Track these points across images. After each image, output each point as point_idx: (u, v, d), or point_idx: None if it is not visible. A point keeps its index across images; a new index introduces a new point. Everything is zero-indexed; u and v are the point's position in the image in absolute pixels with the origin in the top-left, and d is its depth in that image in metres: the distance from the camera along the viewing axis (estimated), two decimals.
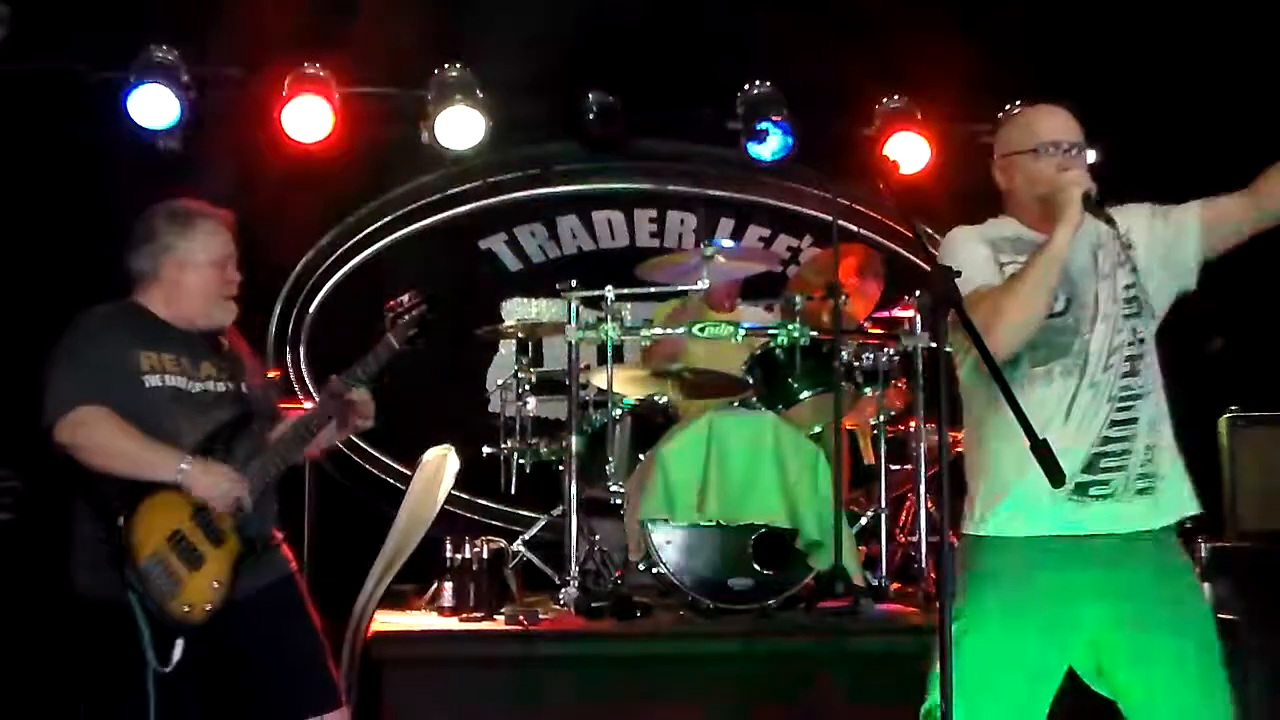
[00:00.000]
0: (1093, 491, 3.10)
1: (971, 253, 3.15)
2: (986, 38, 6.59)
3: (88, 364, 3.46)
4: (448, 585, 5.02)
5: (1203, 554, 5.17)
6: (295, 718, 3.52)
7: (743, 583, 4.88)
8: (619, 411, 5.49)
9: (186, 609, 3.33)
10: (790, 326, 5.35)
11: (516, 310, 7.04)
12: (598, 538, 5.48)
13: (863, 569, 5.15)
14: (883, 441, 5.63)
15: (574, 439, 5.24)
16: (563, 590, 5.08)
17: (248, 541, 3.49)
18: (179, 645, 3.31)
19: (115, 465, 3.38)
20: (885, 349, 5.56)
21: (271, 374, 4.03)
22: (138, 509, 3.35)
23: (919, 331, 5.49)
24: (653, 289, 5.87)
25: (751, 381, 5.48)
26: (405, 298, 3.83)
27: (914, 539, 5.57)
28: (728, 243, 6.53)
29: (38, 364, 3.59)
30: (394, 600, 5.17)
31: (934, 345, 5.27)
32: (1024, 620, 3.04)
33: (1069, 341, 3.15)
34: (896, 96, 6.89)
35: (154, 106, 6.18)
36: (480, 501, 6.61)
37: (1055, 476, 2.70)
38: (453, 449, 5.32)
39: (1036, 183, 3.19)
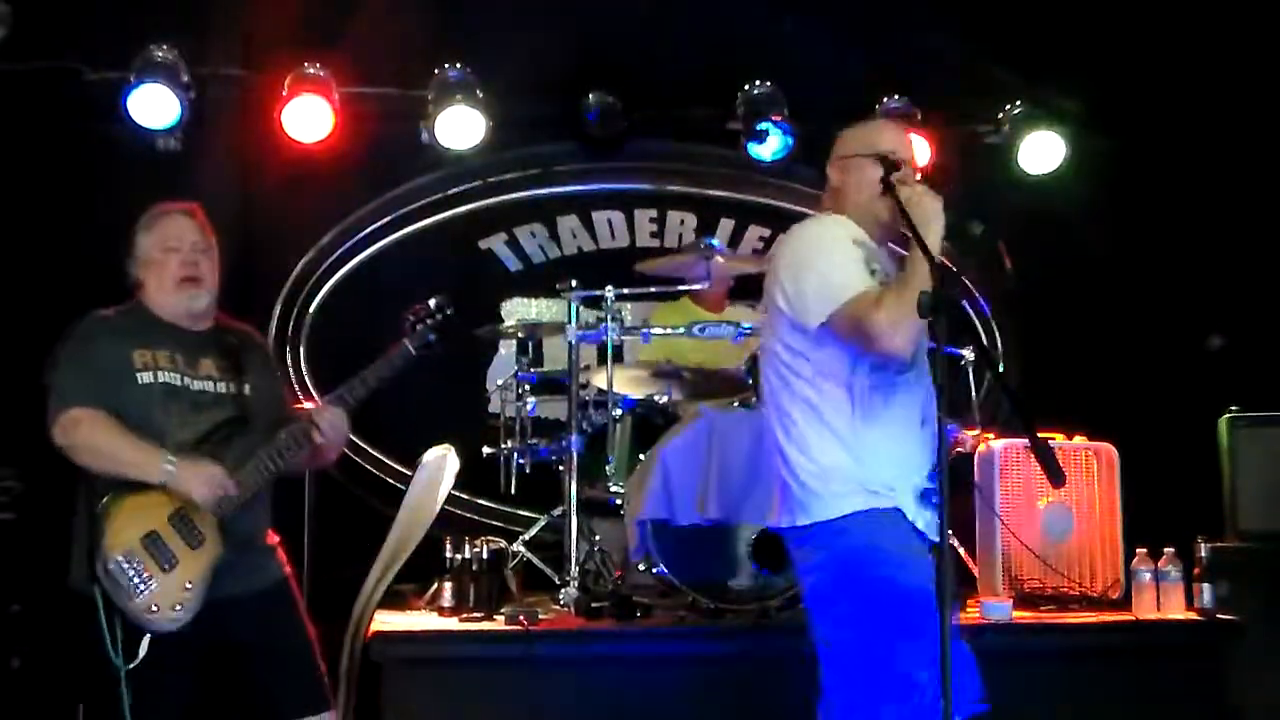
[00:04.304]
0: (932, 500, 3.24)
1: (848, 256, 3.27)
2: (986, 38, 6.59)
3: (84, 366, 3.53)
4: (448, 585, 5.01)
5: (1203, 554, 5.18)
6: (285, 718, 3.59)
7: (743, 583, 4.88)
8: (619, 411, 5.48)
9: (153, 609, 3.37)
10: None
11: (516, 310, 7.04)
12: (598, 538, 5.47)
13: None
14: None
15: (574, 439, 5.24)
16: (563, 590, 5.08)
17: (232, 544, 3.50)
18: (144, 643, 3.35)
19: (104, 465, 3.45)
20: None
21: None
22: (115, 507, 3.40)
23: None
24: (653, 289, 5.87)
25: (751, 381, 5.47)
26: (431, 303, 3.85)
27: None
28: (715, 241, 6.53)
29: (38, 364, 3.60)
30: (394, 600, 5.17)
31: (933, 345, 5.27)
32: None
33: (919, 351, 3.29)
34: (897, 96, 6.88)
35: (154, 106, 6.16)
36: (480, 501, 6.60)
37: (1056, 477, 2.71)
38: (452, 449, 5.33)
39: (868, 186, 3.36)
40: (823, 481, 3.27)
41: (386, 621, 4.82)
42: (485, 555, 5.06)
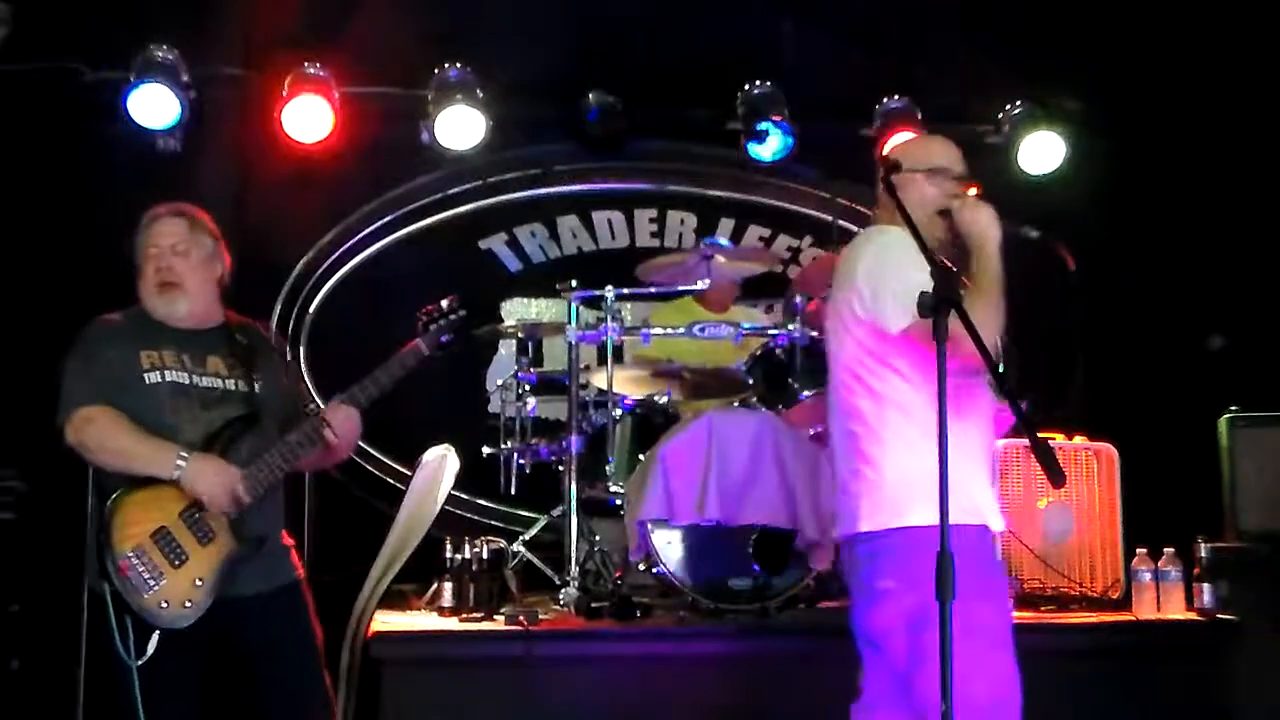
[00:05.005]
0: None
1: (924, 264, 3.24)
2: (986, 38, 6.59)
3: (93, 367, 3.54)
4: (447, 585, 5.02)
5: (1203, 554, 5.18)
6: None
7: (742, 583, 4.88)
8: (619, 412, 5.49)
9: (163, 605, 3.37)
10: (790, 327, 5.35)
11: (516, 310, 7.04)
12: (597, 538, 5.47)
13: None
14: None
15: (574, 439, 5.24)
16: (562, 590, 5.08)
17: (243, 540, 3.51)
18: (154, 639, 3.36)
19: (116, 462, 3.45)
20: None
21: None
22: (124, 503, 3.40)
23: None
24: (653, 289, 5.87)
25: (751, 382, 5.48)
26: (444, 303, 3.85)
27: None
28: (723, 240, 6.53)
29: (38, 363, 3.61)
30: (394, 600, 5.17)
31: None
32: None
33: None
34: (897, 96, 6.88)
35: (154, 106, 6.16)
36: (480, 501, 6.60)
37: (1056, 477, 2.72)
38: (452, 449, 5.32)
39: (925, 202, 3.41)
40: (907, 487, 3.25)
41: (386, 621, 4.82)
42: (485, 555, 5.07)
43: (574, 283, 5.42)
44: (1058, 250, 3.45)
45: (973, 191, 3.42)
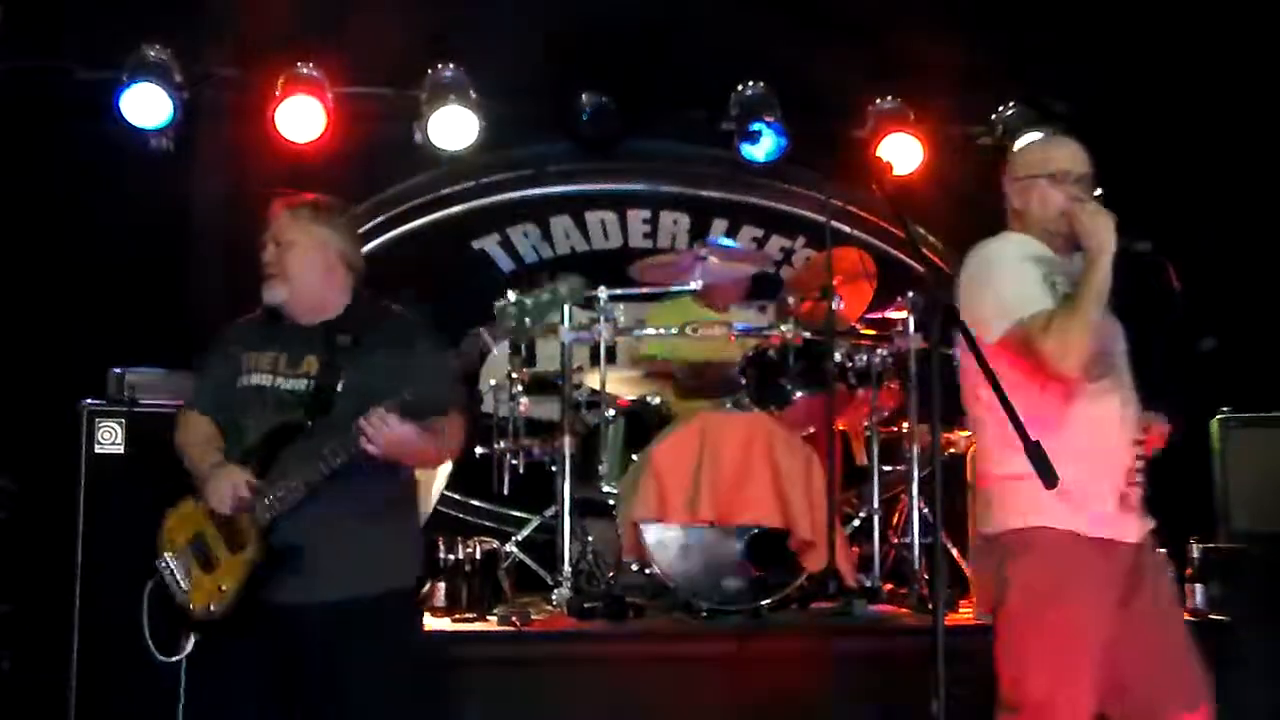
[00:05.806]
0: (1128, 503, 3.24)
1: (1025, 274, 3.24)
2: (979, 40, 6.60)
3: (203, 373, 3.65)
4: (440, 586, 5.02)
5: (1195, 555, 5.19)
6: None
7: (735, 584, 4.88)
8: (612, 412, 5.49)
9: (190, 607, 3.44)
10: (784, 327, 5.35)
11: None
12: (590, 538, 5.47)
13: (855, 570, 5.15)
14: (875, 443, 5.62)
15: (567, 439, 5.24)
16: (555, 591, 5.08)
17: (275, 549, 3.35)
18: (190, 640, 3.43)
19: (187, 465, 3.53)
20: (878, 350, 5.55)
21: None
22: (178, 507, 3.50)
23: (912, 333, 5.47)
24: (645, 289, 5.87)
25: (744, 382, 5.48)
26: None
27: (906, 540, 5.57)
28: (726, 241, 6.52)
29: (29, 364, 3.60)
30: None
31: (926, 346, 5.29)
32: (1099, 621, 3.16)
33: (1111, 358, 3.29)
34: (889, 98, 6.89)
35: (146, 105, 6.16)
36: (473, 502, 6.59)
37: (1049, 478, 2.72)
38: None
39: (1049, 206, 3.39)
40: (1008, 493, 3.21)
41: None
42: (478, 556, 5.06)
43: None
44: (1166, 270, 3.43)
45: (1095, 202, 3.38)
